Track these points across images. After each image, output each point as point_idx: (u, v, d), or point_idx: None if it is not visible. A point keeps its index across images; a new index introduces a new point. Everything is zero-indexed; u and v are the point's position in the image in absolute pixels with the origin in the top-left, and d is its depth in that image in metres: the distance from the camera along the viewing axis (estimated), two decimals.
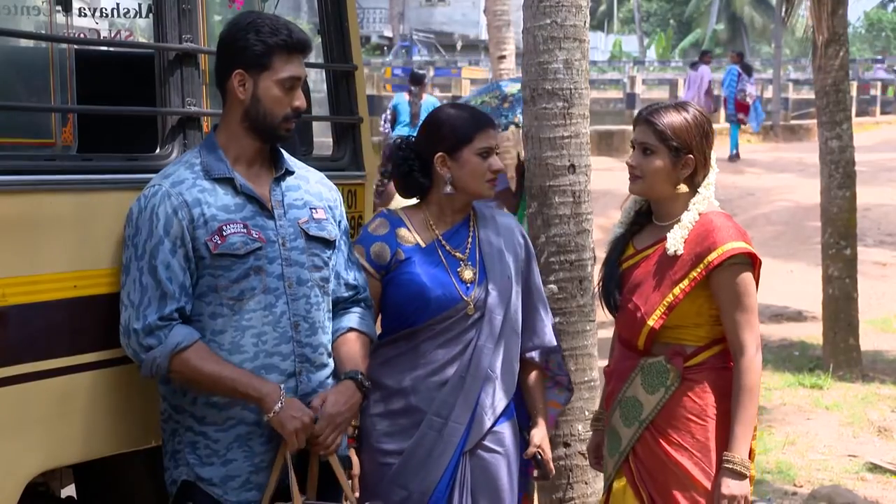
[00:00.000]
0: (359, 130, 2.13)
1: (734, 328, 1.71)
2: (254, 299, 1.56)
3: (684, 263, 1.72)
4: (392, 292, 1.79)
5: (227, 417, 1.56)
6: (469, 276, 1.79)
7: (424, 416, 1.76)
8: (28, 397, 1.52)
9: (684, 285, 1.71)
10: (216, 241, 1.54)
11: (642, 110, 1.79)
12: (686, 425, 1.71)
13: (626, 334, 1.79)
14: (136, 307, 1.52)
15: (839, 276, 4.48)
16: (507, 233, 1.86)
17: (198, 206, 1.55)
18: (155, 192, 1.55)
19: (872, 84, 18.12)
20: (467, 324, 1.79)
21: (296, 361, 1.60)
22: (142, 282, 1.52)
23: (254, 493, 1.58)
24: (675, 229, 1.74)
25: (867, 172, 8.27)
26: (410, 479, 1.76)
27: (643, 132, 1.75)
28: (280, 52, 1.57)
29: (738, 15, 31.12)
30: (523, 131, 2.31)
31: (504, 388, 1.81)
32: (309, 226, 1.64)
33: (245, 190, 1.59)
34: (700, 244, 1.72)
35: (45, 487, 1.78)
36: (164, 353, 1.51)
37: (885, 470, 3.30)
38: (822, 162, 4.62)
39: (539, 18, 2.24)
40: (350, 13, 2.10)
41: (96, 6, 2.23)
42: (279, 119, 1.59)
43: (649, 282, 1.75)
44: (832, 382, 4.27)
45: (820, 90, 4.52)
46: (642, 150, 1.75)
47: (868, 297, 5.23)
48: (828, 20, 4.29)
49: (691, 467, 1.71)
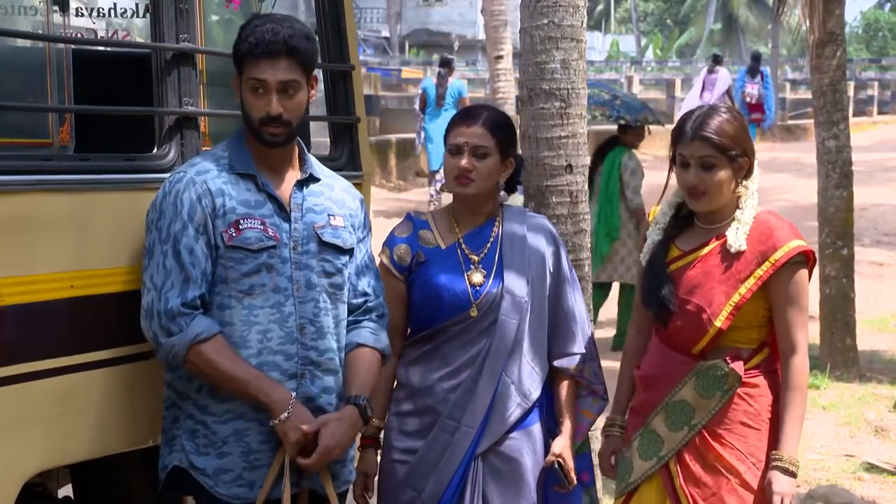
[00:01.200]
0: (356, 130, 2.14)
1: (789, 328, 1.69)
2: (263, 296, 1.57)
3: (748, 262, 1.68)
4: (413, 294, 1.81)
5: (227, 410, 1.56)
6: (478, 279, 1.79)
7: (439, 417, 1.76)
8: (26, 397, 1.52)
9: (751, 284, 1.67)
10: (231, 233, 1.56)
11: (686, 125, 1.70)
12: (741, 429, 1.69)
13: (685, 337, 1.71)
14: (160, 290, 1.53)
15: (836, 275, 4.48)
16: (536, 235, 1.84)
17: (220, 196, 1.57)
18: (180, 178, 1.58)
19: (870, 84, 18.17)
20: (482, 327, 1.78)
21: (299, 363, 1.60)
22: (165, 265, 1.53)
23: (244, 490, 1.57)
24: (735, 227, 1.69)
25: (864, 172, 8.29)
26: (421, 480, 1.76)
27: (700, 147, 1.68)
28: (251, 58, 1.57)
29: (734, 15, 31.16)
30: (520, 131, 2.32)
31: (523, 394, 1.78)
32: (324, 231, 1.65)
33: (266, 188, 1.60)
34: (763, 242, 1.69)
35: (43, 487, 1.79)
36: (183, 341, 1.52)
37: (882, 470, 3.30)
38: (819, 162, 4.61)
39: (536, 18, 2.24)
40: (347, 13, 2.11)
41: (93, 6, 2.23)
42: (256, 122, 1.59)
43: (710, 283, 1.70)
44: (829, 382, 4.27)
45: (817, 90, 4.51)
46: (701, 166, 1.68)
47: (865, 296, 5.24)
48: (820, 19, 4.29)
49: (745, 471, 1.69)
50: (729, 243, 1.70)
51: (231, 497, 1.58)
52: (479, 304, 1.78)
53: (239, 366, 1.55)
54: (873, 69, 21.45)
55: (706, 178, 1.69)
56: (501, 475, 1.78)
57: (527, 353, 1.79)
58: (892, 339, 5.10)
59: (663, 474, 1.74)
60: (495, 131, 1.80)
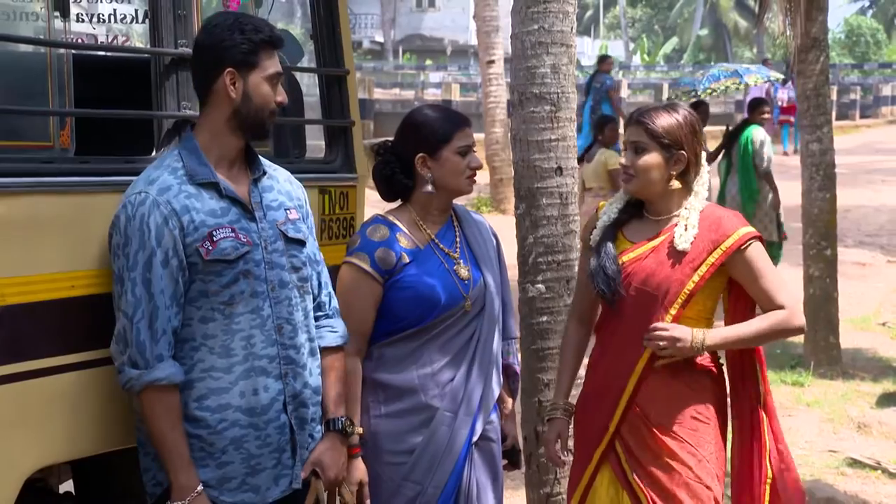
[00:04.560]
0: (351, 133, 2.16)
1: (769, 296, 1.76)
2: (243, 303, 1.57)
3: (700, 252, 1.75)
4: (397, 296, 1.81)
5: (220, 420, 1.56)
6: (465, 273, 1.84)
7: (435, 412, 1.79)
8: (27, 395, 1.54)
9: (703, 271, 1.73)
10: (208, 247, 1.54)
11: (633, 112, 1.82)
12: (692, 423, 1.74)
13: (636, 327, 1.74)
14: (131, 319, 1.52)
15: (820, 275, 4.55)
16: (483, 229, 1.92)
17: (186, 214, 1.54)
18: (143, 200, 1.53)
19: (852, 88, 18.41)
20: (468, 319, 1.83)
21: (281, 364, 1.60)
22: (135, 293, 1.51)
23: (249, 495, 1.59)
24: (682, 226, 1.76)
25: (847, 175, 8.42)
26: (424, 475, 1.79)
27: (634, 132, 1.78)
28: (265, 49, 1.59)
29: (721, 21, 31.44)
30: (511, 134, 2.36)
31: (497, 377, 1.87)
32: (287, 227, 1.64)
33: (229, 193, 1.58)
34: (714, 231, 1.76)
35: (44, 483, 1.80)
36: (142, 380, 1.51)
37: (865, 465, 3.36)
38: (803, 164, 4.68)
39: (527, 24, 2.28)
40: (342, 18, 2.13)
41: (94, 12, 2.25)
42: (267, 114, 1.60)
43: (664, 272, 1.75)
44: (813, 380, 4.34)
45: (801, 94, 4.59)
46: (634, 149, 1.78)
47: (848, 296, 5.32)
48: (803, 26, 4.37)
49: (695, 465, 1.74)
50: (675, 242, 1.76)
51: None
52: (470, 295, 1.83)
53: (174, 434, 1.52)
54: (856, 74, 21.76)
55: (635, 161, 1.77)
56: (487, 456, 1.86)
57: (498, 336, 1.87)
58: (874, 338, 5.17)
59: (612, 460, 1.78)
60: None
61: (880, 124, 18.09)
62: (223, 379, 1.57)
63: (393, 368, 1.81)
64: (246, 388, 1.58)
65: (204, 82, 1.59)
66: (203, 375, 1.57)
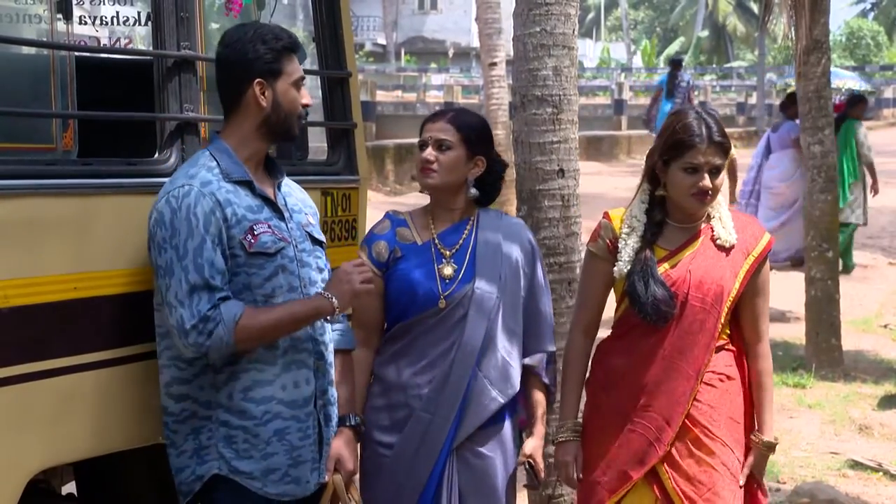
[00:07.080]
0: (353, 135, 2.17)
1: (758, 317, 1.75)
2: (282, 296, 1.60)
3: (736, 256, 1.72)
4: (389, 289, 1.84)
5: (265, 412, 1.59)
6: (448, 272, 1.82)
7: (413, 412, 1.79)
8: (30, 396, 1.55)
9: (741, 278, 1.72)
10: (250, 240, 1.58)
11: (693, 135, 1.70)
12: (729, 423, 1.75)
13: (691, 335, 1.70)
14: (188, 306, 1.53)
15: (821, 277, 4.54)
16: (511, 235, 1.86)
17: (229, 206, 1.58)
18: (188, 191, 1.56)
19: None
20: (452, 321, 1.81)
21: (315, 358, 1.66)
22: (189, 280, 1.54)
23: (292, 486, 1.62)
24: (720, 224, 1.73)
25: None
26: (401, 473, 1.79)
27: (714, 153, 1.69)
28: (287, 56, 1.63)
29: (722, 23, 31.46)
30: (513, 136, 2.36)
31: (498, 389, 1.80)
32: (312, 229, 1.71)
33: (261, 192, 1.63)
34: (743, 231, 1.75)
35: (47, 485, 1.80)
36: (227, 329, 1.54)
37: (866, 467, 3.36)
38: (805, 167, 4.71)
39: (529, 26, 2.29)
40: (345, 21, 2.14)
41: (97, 14, 2.26)
42: (296, 118, 1.65)
43: (713, 275, 1.71)
44: (815, 381, 4.33)
45: (802, 96, 4.58)
46: (709, 171, 1.69)
47: (850, 298, 5.32)
48: (806, 28, 4.37)
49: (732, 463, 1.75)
50: (723, 239, 1.73)
51: (280, 495, 1.62)
52: (447, 296, 1.80)
53: (276, 310, 1.58)
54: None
55: (715, 182, 1.72)
56: (475, 472, 1.81)
57: (502, 350, 1.81)
58: (876, 340, 5.17)
59: (650, 480, 1.73)
60: (461, 127, 1.82)
61: (881, 126, 18.09)
62: (267, 371, 1.60)
63: (385, 364, 1.84)
64: (287, 381, 1.62)
65: (233, 94, 1.63)
66: (249, 367, 1.60)
